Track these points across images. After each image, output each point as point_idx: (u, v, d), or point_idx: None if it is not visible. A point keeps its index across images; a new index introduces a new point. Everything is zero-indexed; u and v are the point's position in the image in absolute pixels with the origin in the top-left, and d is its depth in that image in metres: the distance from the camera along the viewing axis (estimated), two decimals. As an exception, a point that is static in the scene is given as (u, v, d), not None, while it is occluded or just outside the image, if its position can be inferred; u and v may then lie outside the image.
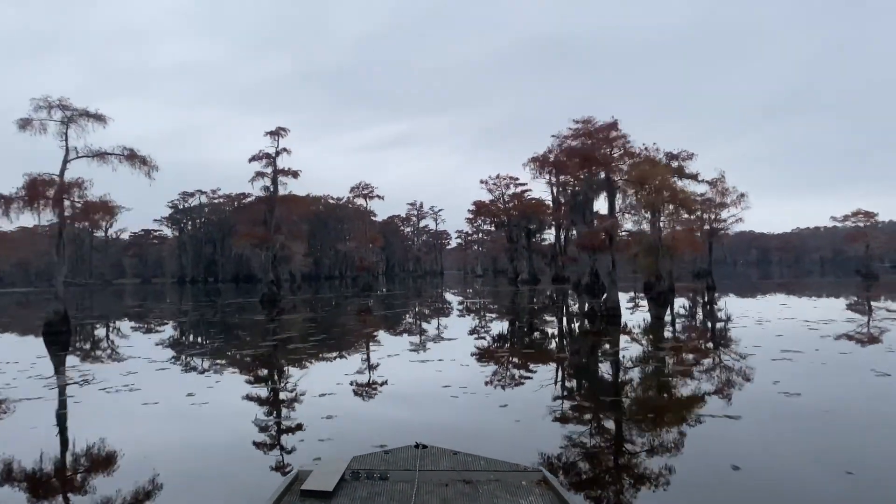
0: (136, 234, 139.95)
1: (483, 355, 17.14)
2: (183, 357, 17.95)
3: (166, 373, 14.92)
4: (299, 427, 9.45)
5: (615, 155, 28.94)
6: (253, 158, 46.71)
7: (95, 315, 37.79)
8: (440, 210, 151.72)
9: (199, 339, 23.94)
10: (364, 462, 5.08)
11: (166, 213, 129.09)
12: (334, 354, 18.30)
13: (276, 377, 14.43)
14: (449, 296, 53.13)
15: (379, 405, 11.14)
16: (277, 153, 46.74)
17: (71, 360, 17.87)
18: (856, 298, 39.73)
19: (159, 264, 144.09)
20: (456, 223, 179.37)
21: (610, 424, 9.83)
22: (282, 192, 47.75)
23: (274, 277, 46.95)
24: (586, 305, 30.38)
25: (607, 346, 18.99)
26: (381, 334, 23.17)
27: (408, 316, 33.61)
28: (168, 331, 27.80)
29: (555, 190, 70.95)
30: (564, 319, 30.02)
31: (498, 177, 73.79)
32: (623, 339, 20.10)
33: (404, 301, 45.97)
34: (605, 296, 28.63)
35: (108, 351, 20.44)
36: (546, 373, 14.23)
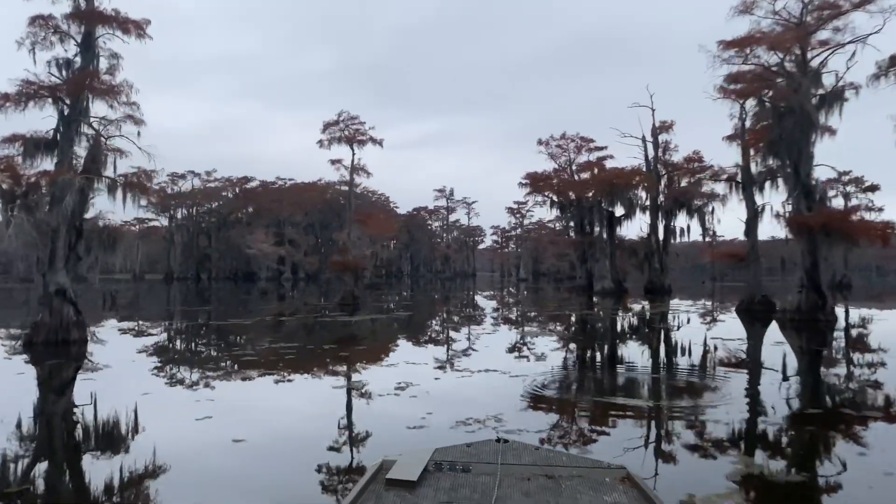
0: (124, 223, 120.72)
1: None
2: None
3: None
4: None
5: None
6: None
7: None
8: (474, 202, 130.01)
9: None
10: (446, 454, 5.08)
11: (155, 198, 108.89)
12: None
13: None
14: (492, 312, 32.74)
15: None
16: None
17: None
18: None
19: (151, 258, 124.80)
20: (491, 222, 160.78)
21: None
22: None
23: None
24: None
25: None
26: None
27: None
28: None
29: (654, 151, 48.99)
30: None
31: (564, 137, 51.79)
32: None
33: (397, 333, 24.18)
34: None
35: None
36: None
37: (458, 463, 4.81)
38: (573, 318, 29.13)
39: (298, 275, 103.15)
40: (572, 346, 19.59)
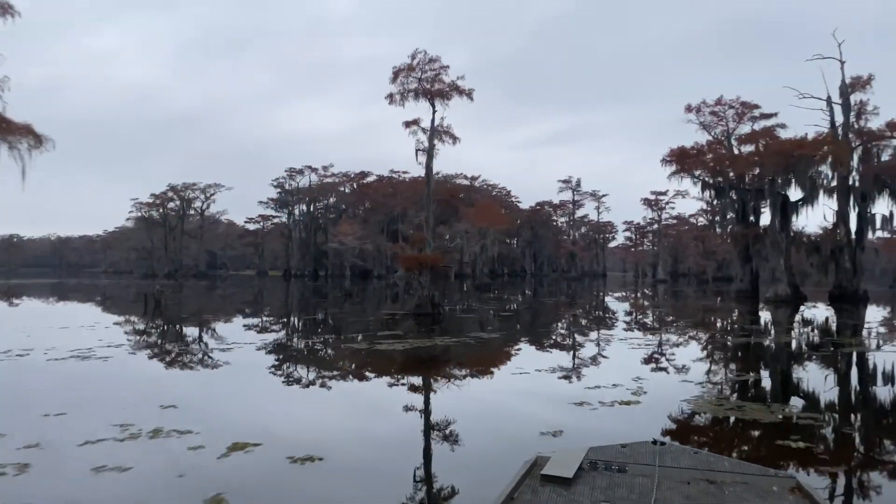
0: (250, 219, 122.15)
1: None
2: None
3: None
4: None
5: None
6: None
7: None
8: (604, 195, 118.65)
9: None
10: (601, 453, 5.13)
11: (273, 194, 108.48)
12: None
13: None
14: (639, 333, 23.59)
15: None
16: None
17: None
18: None
19: (276, 253, 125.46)
20: (623, 218, 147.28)
21: None
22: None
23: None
24: None
25: None
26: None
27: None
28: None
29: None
30: None
31: (720, 102, 41.08)
32: None
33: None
34: None
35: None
36: None
37: (614, 463, 4.90)
38: (725, 335, 19.94)
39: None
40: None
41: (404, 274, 30.38)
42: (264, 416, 9.11)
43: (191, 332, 21.27)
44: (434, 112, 26.48)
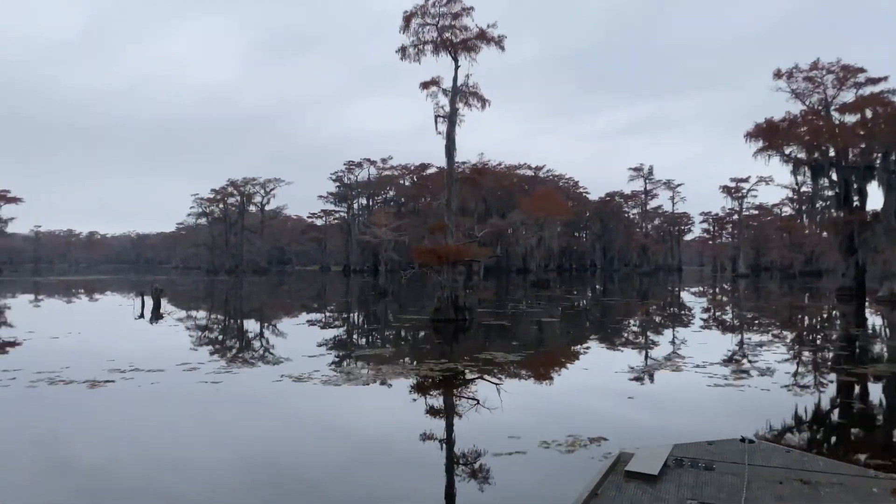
0: (311, 215, 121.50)
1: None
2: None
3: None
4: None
5: None
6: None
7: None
8: (679, 185, 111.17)
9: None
10: (686, 451, 5.06)
11: (332, 188, 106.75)
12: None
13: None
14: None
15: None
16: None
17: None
18: None
19: (336, 249, 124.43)
20: (700, 210, 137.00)
21: None
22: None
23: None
24: None
25: None
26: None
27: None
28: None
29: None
30: None
31: (817, 66, 35.04)
32: None
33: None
34: None
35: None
36: None
37: (700, 460, 4.81)
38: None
39: (473, 267, 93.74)
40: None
41: (419, 270, 26.17)
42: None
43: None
44: (457, 68, 21.94)
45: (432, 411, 9.75)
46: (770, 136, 33.39)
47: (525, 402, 10.19)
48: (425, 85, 22.38)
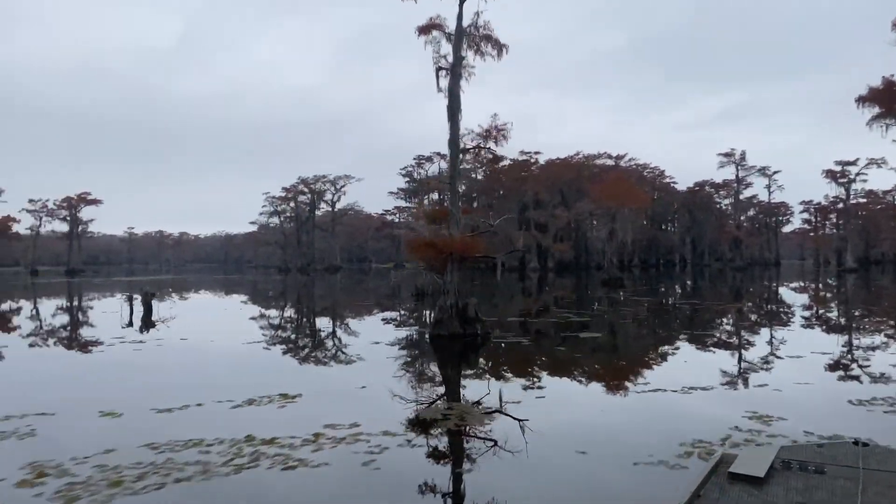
0: (386, 211, 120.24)
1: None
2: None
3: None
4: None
5: None
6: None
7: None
8: (775, 172, 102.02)
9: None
10: (794, 453, 4.86)
11: (402, 183, 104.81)
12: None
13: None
14: None
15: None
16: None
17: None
18: None
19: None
20: (799, 199, 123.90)
21: None
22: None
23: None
24: None
25: None
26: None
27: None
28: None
29: None
30: None
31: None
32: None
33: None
34: None
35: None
36: None
37: (810, 463, 4.58)
38: None
39: (548, 263, 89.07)
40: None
41: (416, 269, 22.03)
42: None
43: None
44: (462, 3, 17.47)
45: None
46: (889, 99, 27.49)
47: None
48: (424, 30, 17.92)
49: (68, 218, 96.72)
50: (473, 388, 11.00)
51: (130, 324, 21.89)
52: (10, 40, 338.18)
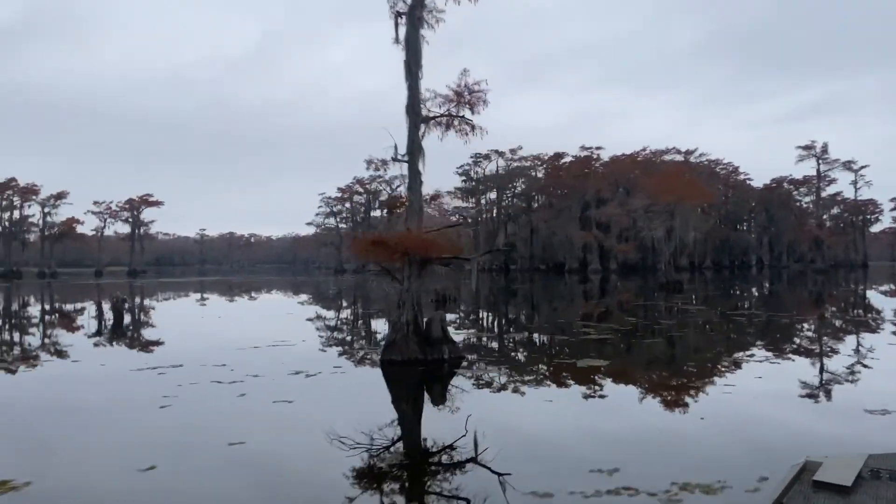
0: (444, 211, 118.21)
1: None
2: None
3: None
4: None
5: None
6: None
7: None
8: (863, 167, 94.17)
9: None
10: (884, 461, 4.63)
11: (458, 182, 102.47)
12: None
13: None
14: None
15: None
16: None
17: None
18: None
19: (466, 247, 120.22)
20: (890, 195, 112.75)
21: None
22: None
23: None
24: None
25: None
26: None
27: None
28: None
29: None
30: None
31: None
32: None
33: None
34: None
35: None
36: None
37: None
38: None
39: (610, 265, 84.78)
40: None
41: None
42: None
43: None
44: None
45: None
46: None
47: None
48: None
49: (130, 219, 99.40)
50: (440, 430, 8.45)
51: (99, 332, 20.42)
52: (96, 52, 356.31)
